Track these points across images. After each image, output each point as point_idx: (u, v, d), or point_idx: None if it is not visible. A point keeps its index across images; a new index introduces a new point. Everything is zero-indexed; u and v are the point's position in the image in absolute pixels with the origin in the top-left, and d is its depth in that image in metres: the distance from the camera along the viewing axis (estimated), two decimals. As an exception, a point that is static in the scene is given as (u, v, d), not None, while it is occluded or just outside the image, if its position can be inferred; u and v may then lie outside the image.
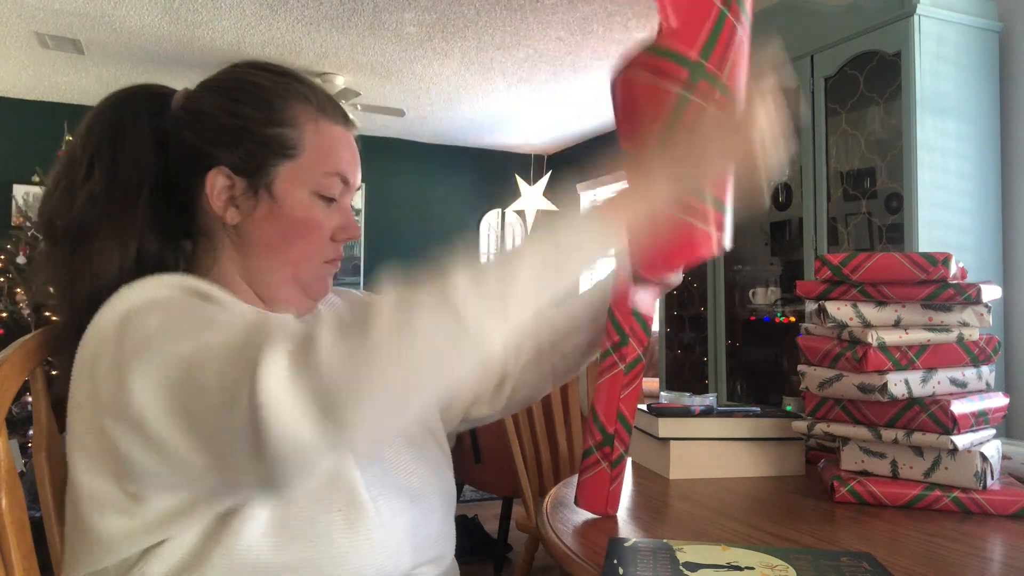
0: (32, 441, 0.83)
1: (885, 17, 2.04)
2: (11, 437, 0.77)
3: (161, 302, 0.69)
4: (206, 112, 0.80)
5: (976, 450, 0.95)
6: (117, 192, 0.77)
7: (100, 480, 0.68)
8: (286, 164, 0.79)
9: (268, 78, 0.81)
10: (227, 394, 0.58)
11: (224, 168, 0.78)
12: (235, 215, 0.79)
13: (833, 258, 1.03)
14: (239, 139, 0.78)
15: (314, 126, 0.81)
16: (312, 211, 0.80)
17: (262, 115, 0.79)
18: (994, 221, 2.11)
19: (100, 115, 0.81)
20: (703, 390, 2.80)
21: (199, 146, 0.79)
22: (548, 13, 3.84)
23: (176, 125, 0.80)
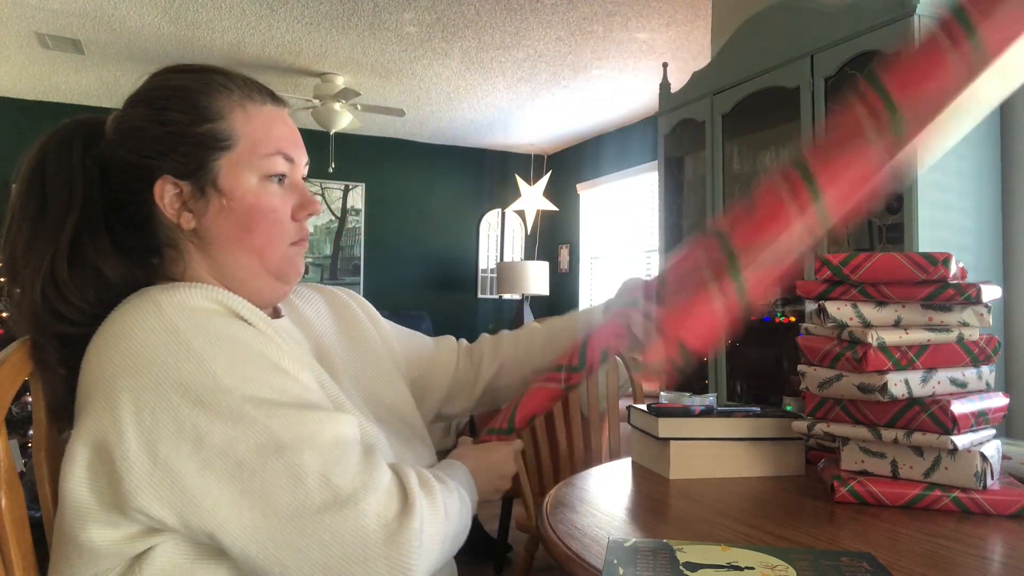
0: (32, 441, 0.83)
1: (885, 17, 2.04)
2: (11, 437, 0.77)
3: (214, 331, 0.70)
4: (136, 127, 0.80)
5: (976, 450, 0.95)
6: (45, 224, 0.78)
7: (90, 495, 0.68)
8: (224, 156, 0.80)
9: (187, 78, 0.82)
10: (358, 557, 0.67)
11: (168, 176, 0.79)
12: (190, 219, 0.80)
13: (833, 258, 1.03)
14: (173, 145, 0.79)
15: (242, 112, 0.81)
16: (264, 196, 0.81)
17: (188, 116, 0.79)
18: (994, 221, 2.11)
19: (30, 156, 0.82)
20: (703, 390, 2.80)
21: (137, 161, 0.79)
22: (548, 13, 3.83)
23: (111, 148, 0.81)
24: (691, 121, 2.87)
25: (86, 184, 0.80)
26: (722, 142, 2.72)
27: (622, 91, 5.10)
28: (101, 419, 0.67)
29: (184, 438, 0.65)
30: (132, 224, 0.81)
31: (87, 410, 0.69)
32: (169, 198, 0.79)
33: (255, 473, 0.65)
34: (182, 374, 0.67)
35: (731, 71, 2.63)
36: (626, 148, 5.93)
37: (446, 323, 6.59)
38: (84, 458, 0.68)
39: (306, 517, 0.65)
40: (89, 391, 0.69)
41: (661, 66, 3.19)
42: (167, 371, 0.67)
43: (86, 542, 0.68)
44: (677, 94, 2.94)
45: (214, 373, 0.67)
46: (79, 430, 0.68)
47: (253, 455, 0.65)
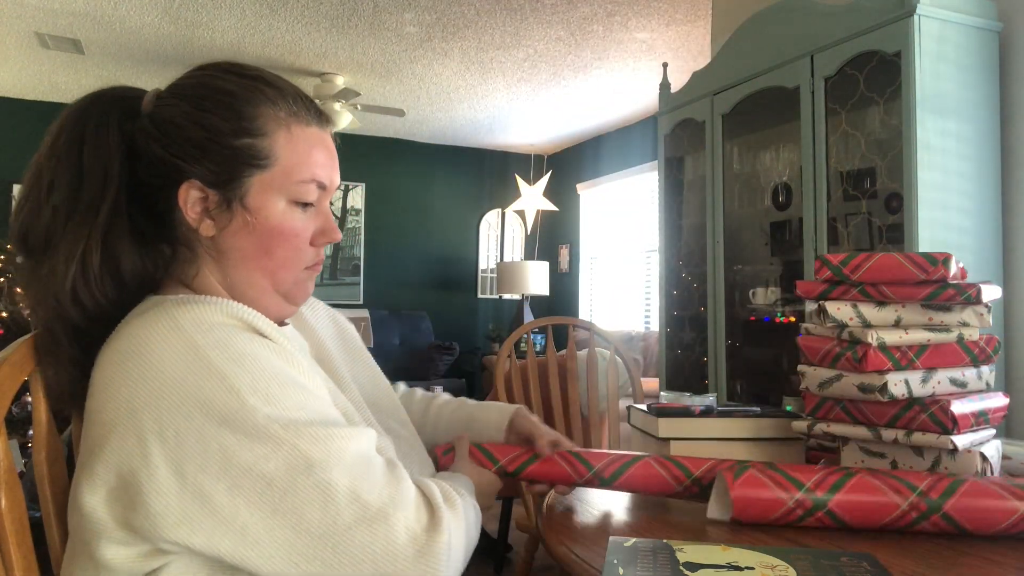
0: (32, 441, 0.83)
1: (885, 17, 2.04)
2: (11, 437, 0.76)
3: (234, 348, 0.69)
4: (174, 123, 0.76)
5: (976, 450, 0.95)
6: (80, 204, 0.75)
7: (108, 515, 0.67)
8: (259, 175, 0.77)
9: (237, 83, 0.78)
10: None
11: (196, 182, 0.76)
12: (210, 227, 0.77)
13: (833, 258, 1.03)
14: (208, 152, 0.76)
15: (285, 133, 0.78)
16: (289, 220, 0.78)
17: (230, 125, 0.76)
18: (994, 221, 2.11)
19: (64, 124, 0.78)
20: (703, 390, 2.80)
21: (168, 159, 0.76)
22: (548, 13, 3.84)
23: (145, 137, 0.77)
24: (691, 121, 2.87)
25: (120, 166, 0.77)
26: (722, 142, 2.72)
27: (622, 91, 5.10)
28: (125, 442, 0.66)
29: (211, 459, 0.65)
30: (152, 212, 0.79)
31: (111, 434, 0.67)
32: (193, 202, 0.77)
33: (286, 492, 0.65)
34: (205, 393, 0.66)
35: (731, 71, 2.63)
36: (626, 148, 5.93)
37: (446, 323, 6.59)
38: (106, 481, 0.66)
39: (337, 534, 0.65)
40: (110, 414, 0.67)
41: (661, 66, 3.19)
42: (189, 391, 0.66)
43: (100, 558, 0.67)
44: (677, 94, 2.94)
45: (238, 391, 0.66)
46: (102, 453, 0.67)
47: (283, 473, 0.65)
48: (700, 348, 2.88)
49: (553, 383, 2.04)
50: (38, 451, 0.79)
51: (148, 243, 0.79)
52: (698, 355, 2.90)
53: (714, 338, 2.74)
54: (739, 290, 2.78)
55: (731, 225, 2.77)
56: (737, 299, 2.77)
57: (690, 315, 2.97)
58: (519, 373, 2.02)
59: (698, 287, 2.90)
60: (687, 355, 2.99)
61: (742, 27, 2.60)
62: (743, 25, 2.60)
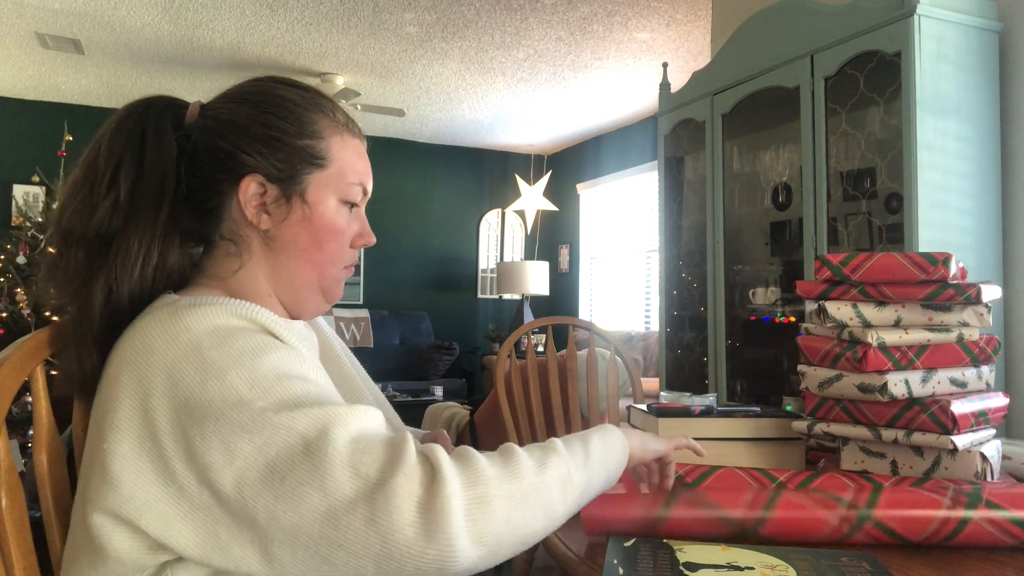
0: (32, 441, 0.83)
1: (885, 17, 2.04)
2: (11, 437, 0.76)
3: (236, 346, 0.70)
4: (238, 123, 0.82)
5: (976, 450, 0.95)
6: (141, 201, 0.79)
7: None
8: (316, 173, 0.83)
9: (295, 92, 0.85)
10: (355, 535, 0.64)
11: (258, 176, 0.81)
12: (267, 220, 0.82)
13: (833, 258, 1.03)
14: (274, 148, 0.81)
15: (339, 139, 0.85)
16: (339, 217, 0.85)
17: (293, 127, 0.82)
18: (994, 221, 2.11)
19: (122, 123, 0.82)
20: (703, 390, 2.80)
21: (233, 153, 0.81)
22: (548, 13, 3.84)
23: (206, 134, 0.82)
24: (691, 121, 2.87)
25: (175, 168, 0.81)
26: (722, 142, 2.72)
27: (622, 91, 5.10)
28: (138, 442, 0.67)
29: (214, 456, 0.65)
30: (200, 209, 0.83)
31: (121, 432, 0.68)
32: (252, 195, 0.81)
33: (285, 476, 0.65)
34: (208, 393, 0.67)
35: (731, 71, 2.63)
36: (626, 148, 5.93)
37: (446, 323, 6.59)
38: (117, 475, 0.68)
39: (341, 511, 0.64)
40: (123, 413, 0.68)
41: (661, 66, 3.19)
42: (193, 391, 0.67)
43: (111, 547, 0.68)
44: (677, 94, 2.94)
45: (236, 388, 0.67)
46: (116, 449, 0.68)
47: (282, 459, 0.65)
48: (700, 348, 2.88)
49: (553, 383, 2.04)
50: (38, 451, 0.79)
51: (186, 242, 0.84)
52: (698, 355, 2.90)
53: (714, 338, 2.74)
54: (739, 290, 2.78)
55: (731, 225, 2.77)
56: (737, 299, 2.77)
57: (690, 315, 2.97)
58: (519, 373, 2.02)
59: (698, 287, 2.90)
60: (687, 355, 2.99)
61: (742, 27, 2.60)
62: (743, 25, 2.60)
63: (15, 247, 4.47)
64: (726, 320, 2.70)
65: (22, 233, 4.59)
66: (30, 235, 4.52)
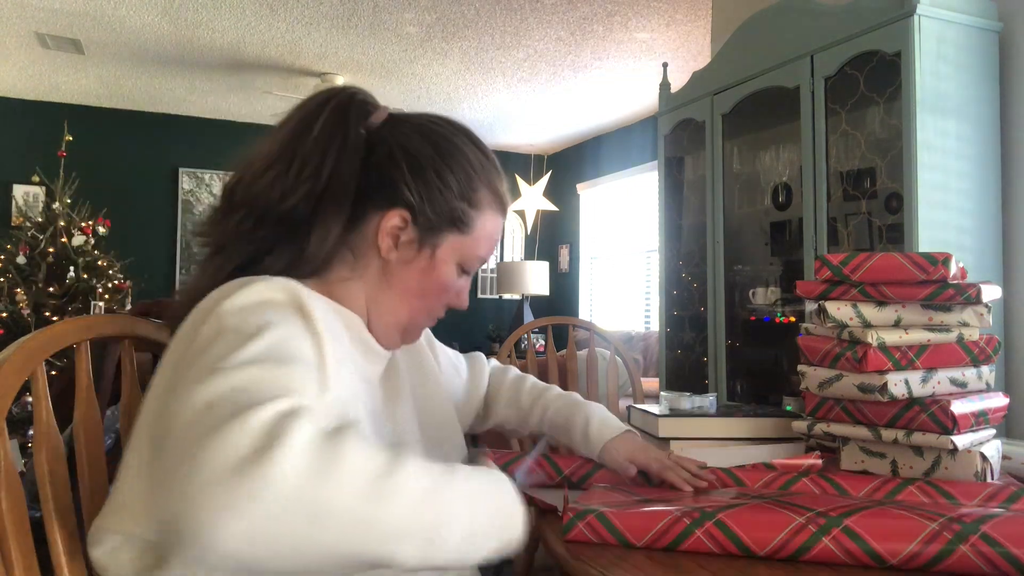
0: (32, 441, 0.83)
1: (885, 17, 2.04)
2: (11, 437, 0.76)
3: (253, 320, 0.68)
4: (416, 159, 0.84)
5: (976, 450, 0.95)
6: (333, 196, 0.81)
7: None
8: (455, 235, 0.86)
9: (476, 155, 0.88)
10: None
11: (406, 213, 0.83)
12: (392, 253, 0.85)
13: (833, 258, 1.03)
14: (433, 198, 0.84)
15: (491, 214, 0.89)
16: (452, 279, 0.89)
17: (459, 187, 0.85)
18: (994, 221, 2.11)
19: (327, 117, 0.83)
20: (703, 390, 2.80)
21: (398, 185, 0.83)
22: (548, 13, 3.83)
23: (383, 149, 0.84)
24: (691, 121, 2.87)
25: (359, 168, 0.83)
26: (722, 142, 2.72)
27: (622, 91, 5.10)
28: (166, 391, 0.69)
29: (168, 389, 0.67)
30: (350, 215, 0.84)
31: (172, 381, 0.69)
32: (391, 227, 0.83)
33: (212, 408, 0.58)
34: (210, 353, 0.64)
35: (731, 71, 2.63)
36: (626, 148, 5.93)
37: (446, 323, 6.57)
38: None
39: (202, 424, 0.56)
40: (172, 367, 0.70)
41: (661, 66, 3.19)
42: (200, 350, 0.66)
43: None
44: (677, 94, 2.94)
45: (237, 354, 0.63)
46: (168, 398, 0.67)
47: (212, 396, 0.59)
48: (700, 348, 2.87)
49: (553, 383, 2.04)
50: (38, 451, 0.79)
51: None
52: (698, 355, 2.90)
53: (714, 338, 2.74)
54: (739, 290, 2.78)
55: (731, 225, 2.77)
56: (737, 299, 2.77)
57: (690, 315, 2.97)
58: (519, 373, 2.02)
59: (698, 287, 2.90)
60: (687, 355, 2.99)
61: (742, 27, 2.60)
62: (743, 25, 2.60)
63: (15, 247, 4.47)
64: (726, 320, 2.70)
65: (22, 233, 4.59)
66: (30, 235, 4.53)
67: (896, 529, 0.73)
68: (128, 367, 0.92)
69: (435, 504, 0.58)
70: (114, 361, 2.12)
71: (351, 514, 0.53)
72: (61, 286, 4.41)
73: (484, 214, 0.88)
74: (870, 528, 0.73)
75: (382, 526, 0.54)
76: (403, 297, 0.86)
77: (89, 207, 4.79)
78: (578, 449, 1.07)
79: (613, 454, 1.03)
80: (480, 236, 0.88)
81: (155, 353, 0.97)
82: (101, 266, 4.61)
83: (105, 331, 0.89)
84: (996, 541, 0.70)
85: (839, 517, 0.75)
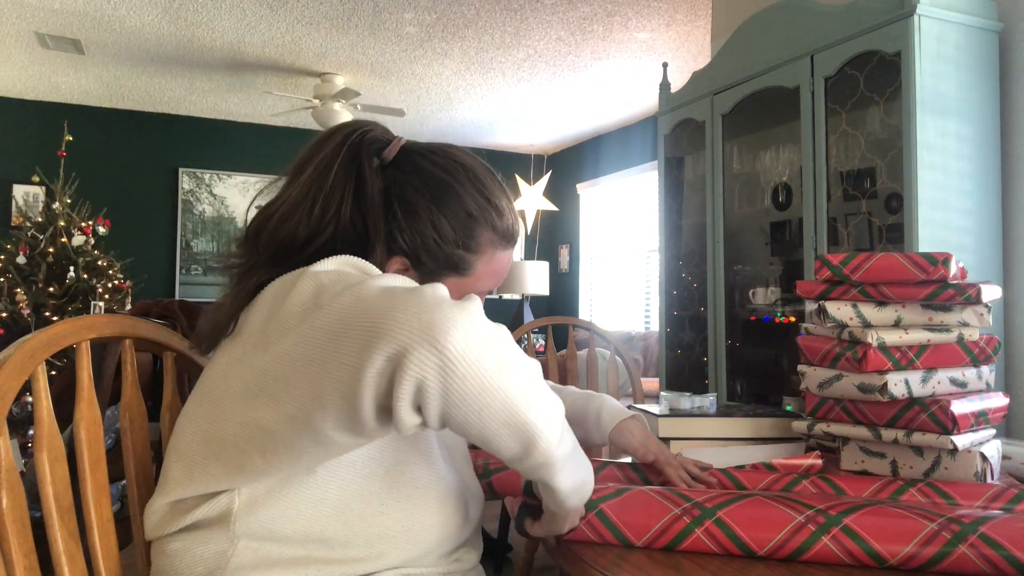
0: (32, 441, 0.83)
1: (885, 17, 2.04)
2: (11, 437, 0.76)
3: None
4: (414, 210, 0.85)
5: (976, 450, 0.95)
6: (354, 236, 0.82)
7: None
8: (454, 278, 0.87)
9: (476, 201, 0.87)
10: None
11: (405, 260, 0.86)
12: None
13: (833, 258, 1.03)
14: (429, 248, 0.85)
15: (491, 254, 0.89)
16: None
17: (457, 236, 0.86)
18: (994, 221, 2.11)
19: (343, 160, 0.83)
20: (703, 390, 2.80)
21: (395, 233, 0.85)
22: (548, 13, 3.84)
23: (385, 205, 0.85)
24: (691, 121, 2.87)
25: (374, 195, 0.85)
26: (722, 142, 2.72)
27: (622, 91, 5.10)
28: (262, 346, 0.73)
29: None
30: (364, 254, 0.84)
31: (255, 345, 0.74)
32: (394, 270, 0.85)
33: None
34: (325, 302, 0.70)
35: (731, 71, 2.63)
36: (626, 148, 5.93)
37: (446, 323, 6.58)
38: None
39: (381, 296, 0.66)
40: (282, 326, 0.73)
41: (661, 66, 3.19)
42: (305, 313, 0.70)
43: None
44: (677, 94, 2.94)
45: (343, 285, 0.70)
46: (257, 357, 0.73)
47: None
48: (700, 348, 2.88)
49: (553, 383, 2.04)
50: (38, 451, 0.79)
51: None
52: (698, 355, 2.90)
53: (714, 338, 2.74)
54: (739, 290, 2.78)
55: (731, 225, 2.77)
56: (737, 299, 2.77)
57: (690, 315, 2.97)
58: (519, 373, 2.02)
59: (698, 287, 2.90)
60: (687, 355, 2.99)
61: (742, 27, 2.60)
62: (743, 25, 2.60)
63: (15, 247, 4.47)
64: (726, 320, 2.70)
65: (22, 233, 4.59)
66: (30, 235, 4.53)
67: (896, 529, 0.73)
68: (128, 367, 0.92)
69: (561, 419, 0.70)
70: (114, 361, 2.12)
71: (523, 374, 0.65)
72: (61, 286, 4.41)
73: (485, 254, 0.88)
74: (870, 528, 0.73)
75: (540, 399, 0.66)
76: None
77: (89, 207, 4.79)
78: (591, 436, 1.07)
79: (627, 435, 1.03)
80: (482, 275, 0.89)
81: (155, 353, 0.97)
82: (101, 266, 4.61)
83: (105, 331, 0.89)
84: (996, 542, 0.70)
85: (838, 516, 0.75)
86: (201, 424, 0.76)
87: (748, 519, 0.76)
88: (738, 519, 0.76)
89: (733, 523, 0.76)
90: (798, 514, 0.75)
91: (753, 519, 0.76)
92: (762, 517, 0.76)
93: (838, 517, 0.74)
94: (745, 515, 0.77)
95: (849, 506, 0.77)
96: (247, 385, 0.72)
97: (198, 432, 0.76)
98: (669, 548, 0.77)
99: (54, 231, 4.51)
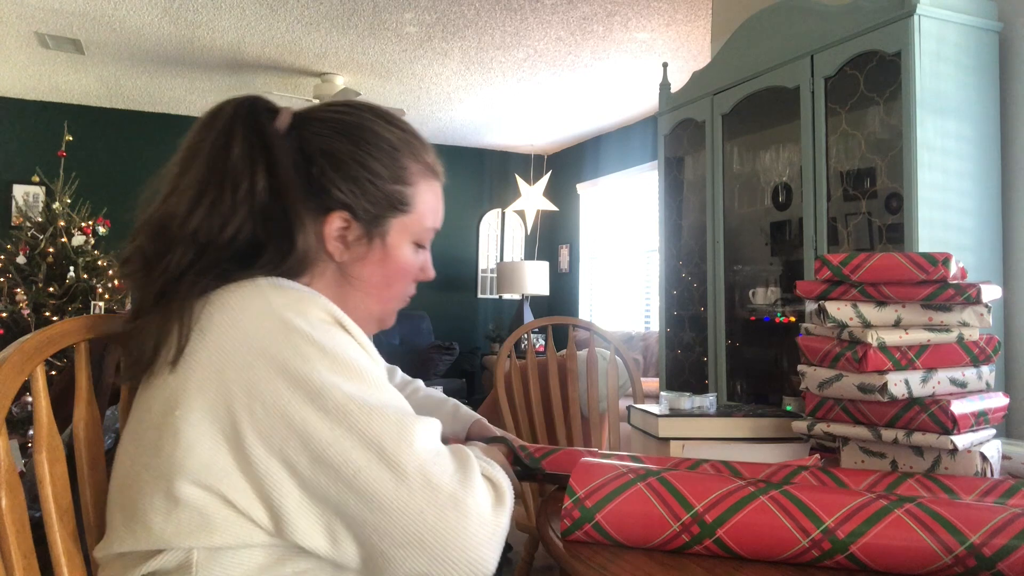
0: (32, 441, 0.83)
1: (885, 17, 2.04)
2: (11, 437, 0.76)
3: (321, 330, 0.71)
4: (338, 158, 0.82)
5: (976, 450, 0.95)
6: (278, 206, 0.78)
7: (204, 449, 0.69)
8: (400, 218, 0.86)
9: (392, 132, 0.86)
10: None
11: (345, 213, 0.83)
12: (343, 254, 0.84)
13: (833, 258, 1.03)
14: (366, 191, 0.83)
15: (425, 184, 0.88)
16: (411, 258, 0.89)
17: (388, 171, 0.84)
18: (994, 221, 2.11)
19: (242, 131, 0.79)
20: (703, 390, 2.80)
21: (327, 188, 0.82)
22: (548, 13, 3.84)
23: (298, 153, 0.81)
24: (691, 121, 2.87)
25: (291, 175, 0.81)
26: (722, 142, 2.72)
27: (622, 91, 5.10)
28: (214, 409, 0.68)
29: (294, 433, 0.67)
30: (279, 222, 0.80)
31: (199, 397, 0.69)
32: (335, 230, 0.83)
33: (359, 471, 0.67)
34: (292, 369, 0.68)
35: (731, 71, 2.63)
36: (626, 148, 5.93)
37: (446, 323, 6.59)
38: (203, 431, 0.68)
39: (410, 515, 0.67)
40: (196, 382, 0.69)
41: (661, 66, 3.19)
42: (278, 366, 0.68)
43: (179, 493, 0.68)
44: (677, 94, 2.94)
45: (320, 370, 0.69)
46: (191, 412, 0.68)
47: (359, 454, 0.67)
48: (700, 348, 2.87)
49: (553, 383, 2.04)
50: (38, 451, 0.79)
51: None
52: (698, 355, 2.90)
53: (714, 338, 2.74)
54: (739, 290, 2.78)
55: (731, 225, 2.77)
56: (737, 299, 2.77)
57: (690, 315, 2.97)
58: (519, 373, 2.02)
59: (698, 287, 2.90)
60: (687, 355, 2.99)
61: (742, 27, 2.60)
62: (743, 25, 2.60)
63: (15, 247, 4.47)
64: (726, 320, 2.70)
65: (22, 233, 4.59)
66: (30, 235, 4.53)
67: (906, 556, 0.70)
68: (128, 367, 0.92)
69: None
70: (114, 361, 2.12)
71: (492, 524, 0.70)
72: (61, 286, 4.41)
73: (419, 187, 0.87)
74: (877, 556, 0.70)
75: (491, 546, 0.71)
76: (369, 292, 0.87)
77: (89, 207, 4.79)
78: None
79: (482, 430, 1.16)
80: (424, 210, 0.88)
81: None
82: (101, 266, 4.60)
83: (105, 331, 0.89)
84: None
85: (845, 541, 0.71)
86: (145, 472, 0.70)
87: (749, 539, 0.73)
88: (739, 539, 0.73)
89: (734, 544, 0.74)
90: (803, 536, 0.72)
91: (755, 540, 0.73)
92: (765, 537, 0.73)
93: (844, 543, 0.71)
94: (747, 533, 0.73)
95: (861, 521, 0.72)
96: (216, 460, 0.68)
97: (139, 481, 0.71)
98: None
99: (54, 231, 4.51)
